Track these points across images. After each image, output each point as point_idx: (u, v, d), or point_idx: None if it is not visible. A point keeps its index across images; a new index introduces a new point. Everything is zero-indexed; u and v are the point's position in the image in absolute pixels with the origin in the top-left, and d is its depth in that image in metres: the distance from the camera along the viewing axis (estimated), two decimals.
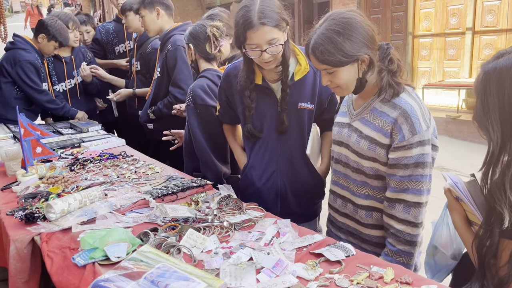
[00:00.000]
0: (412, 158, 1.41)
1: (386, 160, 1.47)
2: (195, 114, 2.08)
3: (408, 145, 1.40)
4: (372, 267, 1.22)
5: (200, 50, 2.17)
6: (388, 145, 1.45)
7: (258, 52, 1.62)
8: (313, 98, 1.80)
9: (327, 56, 1.39)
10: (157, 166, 2.30)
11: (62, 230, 1.53)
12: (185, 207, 1.65)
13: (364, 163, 1.52)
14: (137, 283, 1.09)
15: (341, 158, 1.63)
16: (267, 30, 1.58)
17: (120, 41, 3.65)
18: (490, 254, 1.14)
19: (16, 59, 3.13)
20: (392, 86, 1.46)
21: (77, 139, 2.86)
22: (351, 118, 1.59)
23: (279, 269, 1.21)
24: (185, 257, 1.32)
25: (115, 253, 1.30)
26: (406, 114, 1.41)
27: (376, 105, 1.50)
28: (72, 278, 1.23)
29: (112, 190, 1.92)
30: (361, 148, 1.51)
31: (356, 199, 1.59)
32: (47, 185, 2.02)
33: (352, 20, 1.40)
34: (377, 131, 1.47)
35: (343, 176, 1.64)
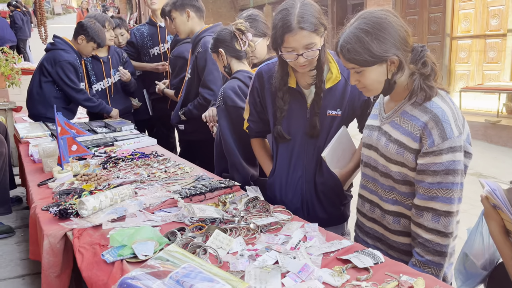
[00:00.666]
0: (442, 164, 1.36)
1: (415, 166, 1.42)
2: (225, 116, 2.08)
3: (438, 151, 1.35)
4: (402, 276, 1.18)
5: (231, 50, 2.18)
6: (417, 150, 1.40)
7: (294, 55, 1.61)
8: (342, 105, 1.77)
9: (353, 55, 1.38)
10: (186, 166, 2.33)
11: (93, 226, 1.56)
12: (212, 208, 1.66)
13: (392, 167, 1.48)
14: (163, 282, 1.10)
15: (370, 161, 1.59)
16: (305, 34, 1.57)
17: (154, 43, 3.73)
18: None
19: (56, 59, 3.26)
20: (424, 90, 1.41)
21: (111, 138, 2.93)
22: (382, 121, 1.55)
23: (305, 274, 1.19)
24: (211, 257, 1.32)
25: (142, 252, 1.32)
26: (437, 118, 1.36)
27: (406, 108, 1.45)
28: (101, 274, 1.26)
29: (142, 189, 1.95)
30: (389, 152, 1.47)
31: (384, 204, 1.55)
32: (81, 182, 2.08)
33: (383, 20, 1.37)
34: (406, 135, 1.43)
35: (372, 180, 1.60)
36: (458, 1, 7.25)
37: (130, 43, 3.76)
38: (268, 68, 1.85)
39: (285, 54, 1.63)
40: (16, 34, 11.34)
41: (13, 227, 2.61)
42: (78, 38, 3.33)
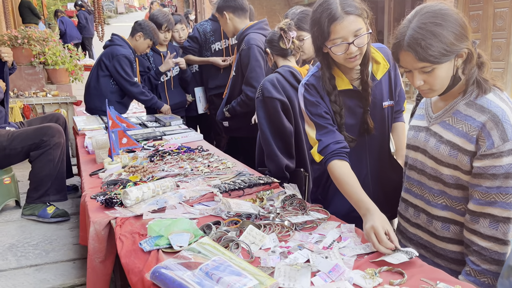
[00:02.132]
0: (502, 167, 1.27)
1: (470, 168, 1.34)
2: (262, 106, 2.15)
3: (498, 153, 1.27)
4: (438, 283, 1.13)
5: (276, 49, 2.24)
6: (472, 152, 1.33)
7: (345, 45, 1.51)
8: (391, 94, 1.75)
9: (430, 51, 1.25)
10: (229, 161, 2.37)
11: (135, 216, 1.63)
12: (249, 203, 1.67)
13: (443, 170, 1.40)
14: (193, 273, 1.13)
15: (416, 164, 1.53)
16: (353, 19, 1.49)
17: (216, 39, 3.81)
18: None
19: (114, 54, 3.45)
20: (479, 84, 1.34)
21: (160, 132, 3.04)
22: (430, 121, 1.48)
23: (335, 274, 1.17)
24: (243, 252, 1.34)
25: (178, 242, 1.36)
26: (497, 118, 1.27)
27: (460, 108, 1.38)
28: (137, 262, 1.31)
29: (184, 182, 2.01)
30: (440, 154, 1.40)
31: (432, 209, 1.48)
32: (128, 173, 2.17)
33: (448, 11, 1.29)
34: (460, 136, 1.35)
35: (418, 184, 1.53)
36: None
37: (193, 38, 3.80)
38: (315, 77, 1.71)
39: (334, 48, 1.52)
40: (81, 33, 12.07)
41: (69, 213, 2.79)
42: (136, 35, 3.53)
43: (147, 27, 3.53)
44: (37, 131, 2.73)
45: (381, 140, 1.77)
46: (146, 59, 3.86)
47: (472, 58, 1.33)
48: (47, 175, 2.71)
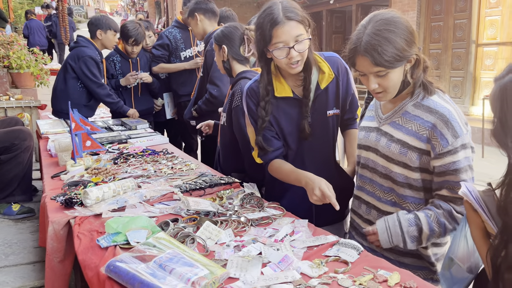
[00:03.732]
0: (460, 162, 1.38)
1: (418, 165, 1.44)
2: (243, 115, 2.05)
3: (454, 149, 1.37)
4: (379, 270, 1.21)
5: (234, 52, 2.22)
6: (422, 150, 1.42)
7: (286, 50, 1.56)
8: (337, 103, 1.78)
9: (385, 56, 1.33)
10: (193, 163, 2.41)
11: (94, 215, 1.65)
12: (208, 202, 1.72)
13: (394, 168, 1.50)
14: (147, 265, 1.17)
15: (368, 163, 1.62)
16: (294, 25, 1.55)
17: (187, 46, 3.85)
18: (505, 266, 1.10)
19: (79, 55, 3.43)
20: (425, 86, 1.45)
21: (125, 135, 3.05)
22: (380, 122, 1.57)
23: (284, 264, 1.23)
24: (199, 246, 1.38)
25: (135, 238, 1.39)
26: (445, 118, 1.38)
27: (408, 109, 1.48)
28: (94, 258, 1.34)
29: (147, 183, 2.04)
30: (391, 152, 1.49)
31: (382, 205, 1.57)
32: (91, 175, 2.18)
33: (400, 19, 1.38)
34: (410, 135, 1.45)
35: (370, 182, 1.62)
36: (485, 7, 7.12)
37: (164, 46, 3.81)
38: (257, 82, 1.76)
39: (275, 51, 1.58)
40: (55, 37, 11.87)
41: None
42: (96, 33, 3.50)
43: (100, 20, 3.47)
44: (8, 134, 2.72)
45: (324, 147, 1.80)
46: (112, 66, 3.84)
47: (420, 63, 1.43)
48: (15, 177, 2.72)
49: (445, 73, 7.89)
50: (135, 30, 3.68)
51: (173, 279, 1.10)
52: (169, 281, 1.09)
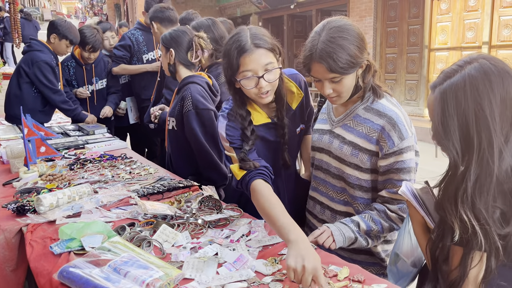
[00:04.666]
0: (404, 162, 1.46)
1: (369, 167, 1.51)
2: (197, 119, 2.11)
3: (399, 150, 1.45)
4: (330, 266, 1.26)
5: (181, 57, 2.22)
6: (372, 152, 1.49)
7: (255, 79, 1.48)
8: (303, 118, 1.78)
9: (340, 63, 1.37)
10: (152, 168, 2.39)
11: (48, 222, 1.62)
12: (166, 205, 1.73)
13: (346, 169, 1.56)
14: (101, 270, 1.17)
15: (321, 164, 1.67)
16: (262, 52, 1.48)
17: (149, 49, 3.81)
18: (442, 258, 1.17)
19: (34, 60, 3.32)
20: (375, 90, 1.52)
21: (83, 140, 2.99)
22: (332, 125, 1.63)
23: (239, 263, 1.26)
24: (155, 250, 1.39)
25: (90, 244, 1.38)
26: (393, 121, 1.46)
27: (359, 112, 1.54)
28: (46, 265, 1.32)
29: (104, 188, 2.01)
30: (344, 154, 1.55)
31: (335, 205, 1.63)
32: (45, 182, 2.12)
33: (351, 27, 1.44)
34: (361, 137, 1.51)
35: (323, 183, 1.68)
36: (436, 14, 7.47)
37: (126, 47, 3.75)
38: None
39: (243, 81, 1.50)
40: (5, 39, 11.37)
41: None
42: (51, 37, 3.39)
43: (60, 26, 3.36)
44: None
45: (294, 163, 1.81)
46: (67, 71, 3.74)
47: (371, 68, 1.51)
48: None
49: (401, 77, 8.20)
50: (93, 36, 3.57)
51: (128, 282, 1.11)
52: (123, 284, 1.09)
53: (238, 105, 1.60)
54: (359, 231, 1.48)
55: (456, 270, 1.14)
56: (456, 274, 1.14)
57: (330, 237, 1.45)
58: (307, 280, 1.11)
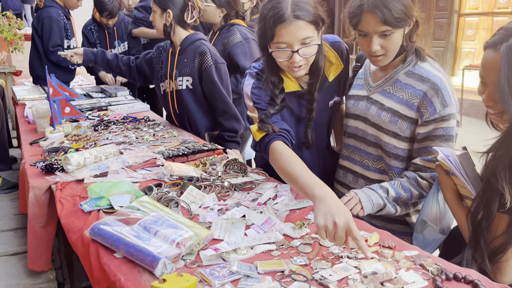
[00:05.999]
0: (443, 130, 1.39)
1: (408, 135, 1.45)
2: (216, 73, 2.26)
3: (440, 117, 1.38)
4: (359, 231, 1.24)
5: (178, 18, 2.26)
6: (412, 119, 1.43)
7: (288, 53, 1.38)
8: (339, 91, 1.66)
9: (394, 13, 1.27)
10: (175, 131, 2.39)
11: (76, 181, 1.64)
12: (191, 168, 1.72)
13: (383, 137, 1.49)
14: (131, 228, 1.18)
15: (356, 132, 1.60)
16: (302, 25, 1.34)
17: None
18: (484, 225, 1.14)
19: (40, 17, 3.35)
20: (418, 53, 1.45)
21: (105, 102, 3.00)
22: (370, 90, 1.55)
23: (267, 226, 1.26)
24: (183, 210, 1.39)
25: (118, 203, 1.39)
26: (436, 87, 1.38)
27: (400, 77, 1.47)
28: (77, 222, 1.34)
29: (128, 150, 2.02)
30: (382, 121, 1.48)
31: (370, 173, 1.58)
32: (71, 142, 2.14)
33: None
34: (401, 104, 1.45)
35: (357, 151, 1.61)
36: None
37: (147, 8, 3.62)
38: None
39: (276, 52, 1.40)
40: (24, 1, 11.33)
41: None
42: None
43: None
44: None
45: (320, 136, 1.70)
46: (91, 34, 3.72)
47: (418, 27, 1.41)
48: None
49: (427, 43, 7.92)
50: (110, 3, 3.53)
51: (158, 240, 1.11)
52: (153, 243, 1.10)
53: (270, 71, 1.51)
54: (388, 197, 1.44)
55: (500, 238, 1.12)
56: (499, 242, 1.12)
57: (358, 204, 1.40)
58: (341, 237, 1.04)
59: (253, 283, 1.00)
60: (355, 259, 1.10)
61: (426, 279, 1.02)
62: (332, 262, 1.09)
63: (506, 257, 1.13)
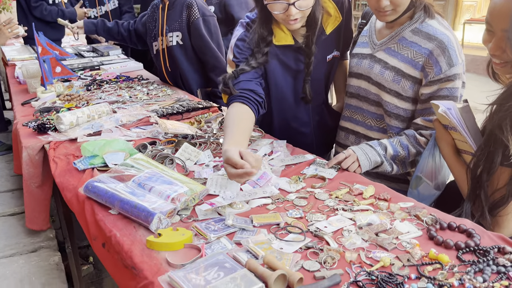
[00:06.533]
0: (449, 90, 1.34)
1: (410, 95, 1.41)
2: (205, 26, 2.21)
3: (445, 77, 1.33)
4: (355, 185, 1.24)
5: None
6: (416, 79, 1.38)
7: (284, 5, 1.34)
8: (338, 45, 1.61)
9: None
10: (169, 89, 2.35)
11: (69, 140, 1.62)
12: (186, 125, 1.70)
13: (384, 96, 1.45)
14: (126, 184, 1.17)
15: (359, 91, 1.55)
16: None
17: None
18: (485, 178, 1.14)
19: None
20: (427, 9, 1.38)
21: (98, 62, 2.93)
22: (374, 48, 1.49)
23: (263, 181, 1.25)
24: (178, 167, 1.38)
25: (112, 161, 1.38)
26: (443, 45, 1.32)
27: (405, 35, 1.40)
28: (72, 180, 1.33)
29: (122, 109, 1.99)
30: (385, 80, 1.43)
31: (373, 133, 1.55)
32: (63, 101, 2.11)
33: None
34: (405, 62, 1.39)
35: (359, 111, 1.57)
36: None
37: None
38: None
39: (271, 4, 1.36)
40: None
41: None
42: None
43: None
44: None
45: (317, 92, 1.65)
46: None
47: None
48: None
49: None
50: None
51: (153, 196, 1.11)
52: (148, 199, 1.09)
53: (262, 23, 1.47)
54: (386, 155, 1.40)
55: (501, 190, 1.12)
56: (501, 194, 1.12)
57: (355, 162, 1.36)
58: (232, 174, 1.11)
59: (248, 235, 1.00)
60: (350, 211, 1.10)
61: (421, 229, 1.02)
62: (327, 215, 1.09)
63: (506, 210, 1.12)
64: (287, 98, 1.62)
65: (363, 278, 0.86)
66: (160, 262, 0.92)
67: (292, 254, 0.93)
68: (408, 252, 0.94)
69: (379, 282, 0.84)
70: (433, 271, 0.88)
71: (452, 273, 0.87)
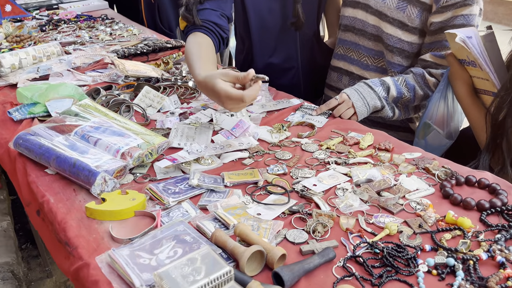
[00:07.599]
0: (465, 18, 1.11)
1: (417, 25, 1.17)
2: None
3: (461, 2, 1.10)
4: (350, 133, 1.03)
5: None
6: (425, 4, 1.15)
7: None
8: None
9: None
10: (136, 28, 2.05)
11: (10, 86, 1.36)
12: (151, 67, 1.45)
13: (386, 27, 1.21)
14: (66, 137, 0.94)
15: (354, 23, 1.31)
16: None
17: None
18: (509, 124, 0.93)
19: None
20: None
21: (56, 0, 2.58)
22: None
23: (239, 131, 1.03)
24: (137, 116, 1.15)
25: (57, 109, 1.13)
26: None
27: None
28: (5, 133, 1.09)
29: (79, 50, 1.71)
30: (387, 7, 1.19)
31: (370, 74, 1.32)
32: (11, 43, 1.82)
33: None
34: None
35: (354, 47, 1.34)
36: None
37: None
38: None
39: None
40: None
41: None
42: None
43: None
44: None
45: (313, 22, 1.45)
46: None
47: None
48: None
49: None
50: None
51: (98, 151, 0.88)
52: (92, 154, 0.87)
53: None
54: (387, 97, 1.18)
55: None
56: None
57: (350, 108, 1.14)
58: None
59: (218, 198, 0.80)
60: (344, 165, 0.90)
61: (432, 185, 0.82)
62: (316, 170, 0.88)
63: None
64: (271, 26, 1.37)
65: (364, 252, 0.67)
66: (101, 236, 0.71)
67: (273, 221, 0.73)
68: (419, 215, 0.75)
69: (385, 257, 0.64)
70: (452, 239, 0.69)
71: (477, 243, 0.68)
